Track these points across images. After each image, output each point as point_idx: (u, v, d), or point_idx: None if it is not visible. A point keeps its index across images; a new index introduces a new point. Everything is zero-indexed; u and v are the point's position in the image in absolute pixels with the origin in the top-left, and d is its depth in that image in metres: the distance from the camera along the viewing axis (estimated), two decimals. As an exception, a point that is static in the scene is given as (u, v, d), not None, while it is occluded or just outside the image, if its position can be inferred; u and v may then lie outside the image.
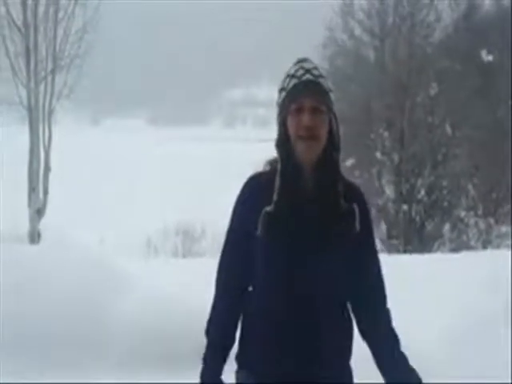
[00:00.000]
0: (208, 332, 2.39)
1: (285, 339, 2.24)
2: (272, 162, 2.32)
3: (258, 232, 2.22)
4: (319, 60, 23.18)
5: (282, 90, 2.28)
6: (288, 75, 2.27)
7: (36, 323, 4.43)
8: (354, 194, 2.31)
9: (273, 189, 2.24)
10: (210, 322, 2.39)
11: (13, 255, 5.28)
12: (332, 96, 2.27)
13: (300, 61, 2.29)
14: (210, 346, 2.37)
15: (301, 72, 2.24)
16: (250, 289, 2.36)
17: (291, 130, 2.23)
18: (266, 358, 2.27)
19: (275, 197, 2.23)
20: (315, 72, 2.25)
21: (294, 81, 2.24)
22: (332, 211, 2.23)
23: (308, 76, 2.23)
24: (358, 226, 2.25)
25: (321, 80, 2.25)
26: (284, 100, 2.26)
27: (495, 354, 4.83)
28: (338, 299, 2.33)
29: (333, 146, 2.26)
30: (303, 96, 2.21)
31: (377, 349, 2.33)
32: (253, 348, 2.32)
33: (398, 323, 2.39)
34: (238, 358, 2.38)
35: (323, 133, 2.23)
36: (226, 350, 2.36)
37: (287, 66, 2.34)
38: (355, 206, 2.26)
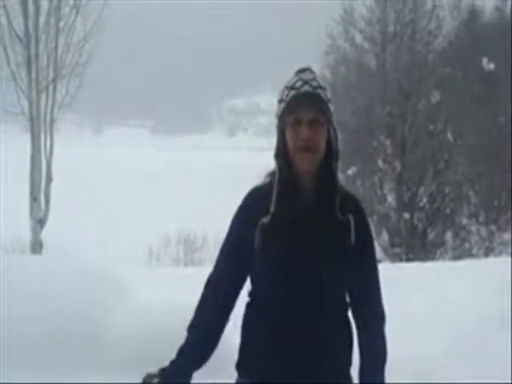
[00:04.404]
0: (190, 329, 2.34)
1: (285, 350, 2.23)
2: (271, 175, 2.32)
3: (256, 244, 2.22)
4: (322, 68, 23.36)
5: (280, 101, 2.28)
6: (287, 87, 2.27)
7: (37, 332, 4.42)
8: (351, 205, 2.30)
9: (271, 201, 2.24)
10: (194, 320, 2.35)
11: (15, 265, 5.27)
12: (331, 106, 2.26)
13: (300, 71, 2.29)
14: (187, 345, 2.32)
15: (299, 83, 2.23)
16: (249, 300, 2.36)
17: (290, 142, 2.23)
18: (266, 368, 2.26)
19: (272, 208, 2.23)
20: (314, 83, 2.24)
21: (293, 92, 2.23)
22: (328, 222, 2.23)
23: (307, 87, 2.22)
24: (353, 237, 2.24)
25: (319, 91, 2.24)
26: (283, 112, 2.25)
27: (497, 362, 4.81)
28: (338, 308, 2.33)
29: (331, 156, 2.26)
30: (302, 108, 2.20)
31: (364, 353, 2.35)
32: (252, 358, 2.31)
33: (401, 330, 2.39)
34: (238, 366, 2.38)
35: (322, 144, 2.23)
36: (203, 352, 2.32)
37: (289, 74, 2.33)
38: (351, 218, 2.25)
